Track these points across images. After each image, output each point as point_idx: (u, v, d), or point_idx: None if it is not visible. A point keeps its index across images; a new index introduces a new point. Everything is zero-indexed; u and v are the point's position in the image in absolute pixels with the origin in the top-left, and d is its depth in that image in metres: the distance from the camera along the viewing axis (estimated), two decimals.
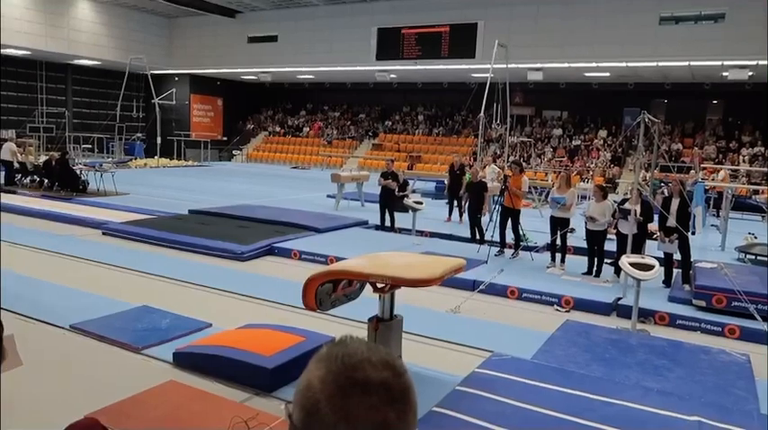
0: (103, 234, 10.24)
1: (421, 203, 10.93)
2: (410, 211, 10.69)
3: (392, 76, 25.68)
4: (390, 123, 29.32)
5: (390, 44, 23.22)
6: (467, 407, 3.91)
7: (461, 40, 21.69)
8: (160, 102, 24.28)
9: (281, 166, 27.91)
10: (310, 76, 28.80)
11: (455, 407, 3.89)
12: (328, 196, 15.29)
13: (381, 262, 4.52)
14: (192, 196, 14.58)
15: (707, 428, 3.81)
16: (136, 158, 25.83)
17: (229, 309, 6.45)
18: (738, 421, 3.95)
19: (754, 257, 9.58)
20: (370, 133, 29.19)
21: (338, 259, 7.08)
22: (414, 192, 13.36)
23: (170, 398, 4.03)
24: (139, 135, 28.57)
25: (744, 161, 19.70)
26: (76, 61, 26.80)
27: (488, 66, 15.85)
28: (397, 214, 11.51)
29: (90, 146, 26.67)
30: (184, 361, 4.78)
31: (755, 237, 10.71)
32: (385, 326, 4.39)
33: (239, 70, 28.01)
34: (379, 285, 4.29)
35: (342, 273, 4.32)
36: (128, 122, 27.41)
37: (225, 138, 31.31)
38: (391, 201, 11.44)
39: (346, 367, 0.82)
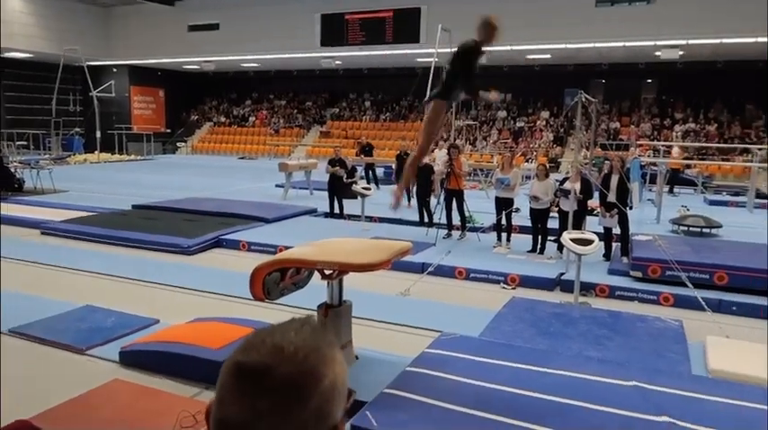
0: (42, 233, 9.86)
1: (369, 189, 10.98)
2: (359, 198, 10.73)
3: (338, 62, 25.51)
4: (337, 110, 29.18)
5: (334, 30, 23.04)
6: (417, 386, 4.00)
7: (405, 25, 21.73)
8: (98, 94, 23.37)
9: (227, 157, 27.40)
10: (255, 65, 28.27)
11: (405, 387, 3.97)
12: (276, 186, 15.14)
13: (328, 249, 4.54)
14: (136, 191, 14.17)
15: (642, 391, 4.03)
16: (75, 154, 24.76)
17: (177, 304, 6.35)
18: (671, 382, 4.19)
19: (686, 229, 10.08)
20: (318, 121, 28.98)
21: (288, 248, 7.05)
22: (361, 178, 13.37)
23: (115, 397, 3.96)
24: (78, 130, 27.38)
25: (677, 137, 20.56)
26: (6, 54, 25.44)
27: (433, 50, 15.95)
28: (345, 201, 11.53)
29: (25, 142, 25.41)
30: (131, 359, 4.70)
31: (688, 210, 11.26)
32: (334, 312, 4.43)
33: (180, 60, 27.19)
34: (327, 272, 4.33)
35: (289, 262, 4.33)
36: (65, 117, 26.28)
37: (168, 131, 30.43)
38: (339, 188, 11.44)
39: (239, 349, 0.78)
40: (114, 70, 28.02)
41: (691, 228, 10.03)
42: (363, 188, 10.95)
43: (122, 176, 18.35)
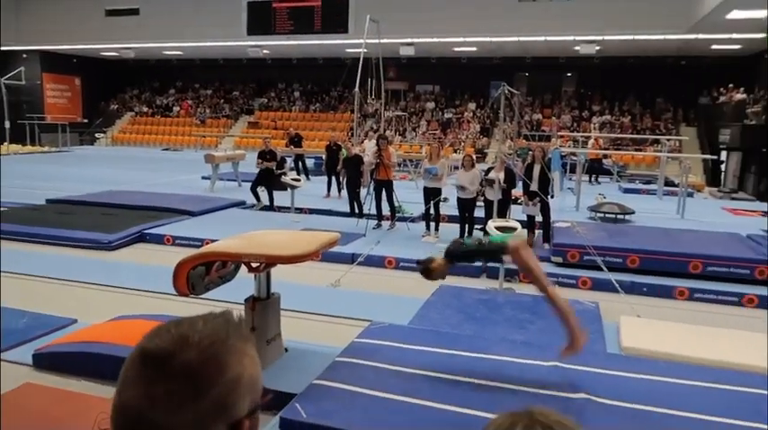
0: None
1: (299, 181, 10.89)
2: (288, 189, 10.61)
3: (265, 51, 25.00)
4: (266, 100, 28.65)
5: (262, 18, 22.54)
6: (346, 376, 4.03)
7: (334, 15, 21.56)
8: (6, 82, 21.82)
9: (150, 149, 26.34)
10: (178, 52, 27.24)
11: (334, 377, 3.99)
12: (203, 178, 14.72)
13: (255, 241, 4.48)
14: (51, 184, 13.39)
15: (562, 371, 4.24)
16: None
17: (97, 302, 6.08)
18: (588, 361, 4.43)
19: (603, 215, 10.63)
20: (246, 111, 28.35)
21: (214, 242, 6.89)
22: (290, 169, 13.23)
23: (27, 402, 3.75)
24: None
25: (594, 128, 21.56)
26: None
27: (361, 41, 15.93)
28: (276, 192, 11.38)
29: None
30: (46, 361, 4.46)
31: (604, 197, 11.87)
32: (262, 305, 4.39)
33: (98, 46, 25.80)
34: (254, 264, 4.27)
35: (214, 255, 4.23)
36: None
37: (86, 121, 28.87)
38: (269, 180, 11.26)
39: (146, 335, 0.77)
40: (24, 56, 26.21)
41: (606, 215, 10.58)
42: (293, 179, 10.85)
43: (35, 169, 17.26)
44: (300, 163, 15.80)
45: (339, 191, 12.28)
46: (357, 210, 10.24)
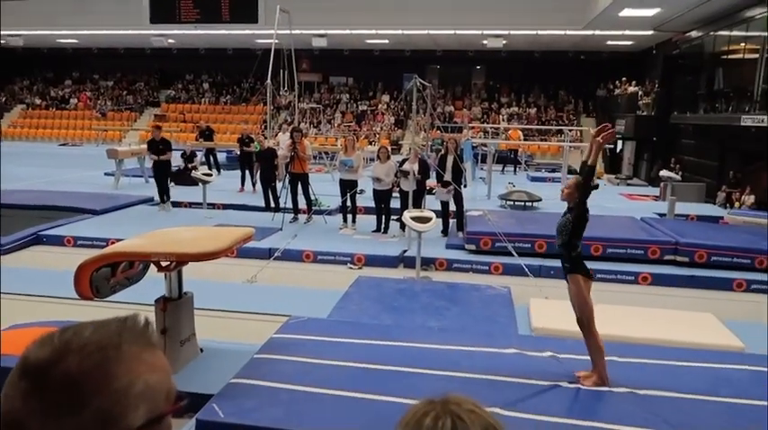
0: None
1: (210, 175, 10.53)
2: (200, 184, 10.25)
3: (170, 41, 23.89)
4: (173, 92, 27.47)
5: (165, 6, 21.45)
6: (265, 372, 3.96)
7: (242, 4, 20.89)
8: None
9: (46, 144, 24.56)
10: (73, 41, 25.48)
11: (253, 375, 3.92)
12: (106, 174, 13.94)
13: (164, 239, 4.30)
14: None
15: (475, 354, 4.39)
16: None
17: None
18: (500, 343, 4.62)
19: (513, 203, 11.08)
20: (151, 103, 27.04)
21: (120, 241, 6.55)
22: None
23: None
24: None
25: (503, 120, 22.40)
26: None
27: (272, 31, 15.62)
28: (186, 188, 10.96)
29: None
30: None
31: (514, 186, 12.35)
32: (173, 305, 4.22)
33: None
34: (164, 263, 4.09)
35: (119, 255, 4.02)
36: None
37: None
38: (166, 173, 10.60)
39: (31, 344, 0.71)
40: None
41: (516, 203, 11.04)
42: (204, 174, 10.47)
43: None
44: (212, 157, 15.30)
45: (253, 185, 12.00)
46: (273, 204, 10.07)
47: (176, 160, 14.27)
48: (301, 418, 3.46)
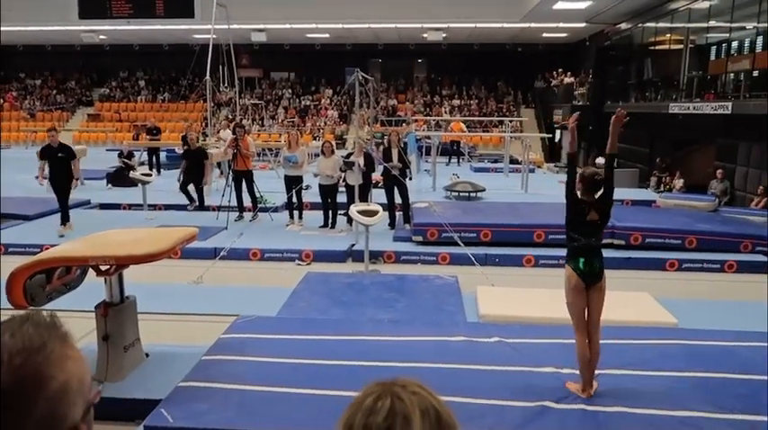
0: None
1: (150, 175, 10.22)
2: (139, 185, 9.92)
3: (102, 36, 22.97)
4: (107, 90, 26.43)
5: (95, 1, 20.60)
6: (214, 374, 3.90)
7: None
8: None
9: None
10: None
11: (202, 377, 3.85)
12: (37, 177, 13.23)
13: (102, 242, 4.15)
14: None
15: (426, 343, 4.46)
16: None
17: None
18: (449, 331, 4.71)
19: (457, 194, 11.26)
20: (84, 102, 25.93)
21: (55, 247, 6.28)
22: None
23: None
24: None
25: (446, 112, 22.67)
26: None
27: (209, 26, 15.26)
28: (126, 190, 10.59)
29: None
30: None
31: (458, 177, 12.55)
32: (115, 310, 4.08)
33: None
34: (103, 267, 3.96)
35: (54, 261, 3.85)
36: None
37: None
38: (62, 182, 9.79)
39: None
40: None
41: (461, 193, 11.22)
42: (143, 174, 10.15)
43: None
44: (154, 157, 14.83)
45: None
46: (198, 202, 9.94)
47: (112, 161, 13.81)
48: (254, 418, 3.43)
